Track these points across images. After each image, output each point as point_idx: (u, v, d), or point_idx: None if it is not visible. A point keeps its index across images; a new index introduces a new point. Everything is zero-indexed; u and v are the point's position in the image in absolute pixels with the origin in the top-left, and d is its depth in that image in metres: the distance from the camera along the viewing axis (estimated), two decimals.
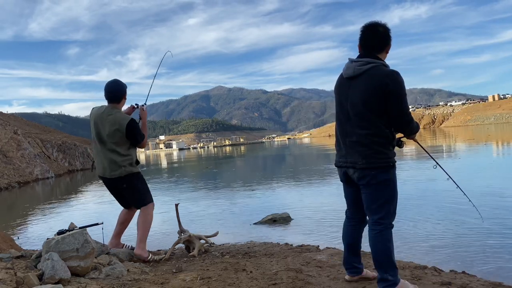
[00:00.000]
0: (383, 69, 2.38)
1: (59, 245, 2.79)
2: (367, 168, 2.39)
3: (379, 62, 2.41)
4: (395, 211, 2.46)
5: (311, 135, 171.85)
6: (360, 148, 2.40)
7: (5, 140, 19.87)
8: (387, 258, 2.38)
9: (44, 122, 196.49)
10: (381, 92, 2.31)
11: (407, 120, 2.41)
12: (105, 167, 3.76)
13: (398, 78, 2.33)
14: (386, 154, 2.39)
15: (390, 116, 2.37)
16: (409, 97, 2.52)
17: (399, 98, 2.33)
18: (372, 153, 2.37)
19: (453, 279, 2.81)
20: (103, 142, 3.72)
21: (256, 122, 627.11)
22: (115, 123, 3.67)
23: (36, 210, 9.39)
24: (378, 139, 2.37)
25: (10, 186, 16.12)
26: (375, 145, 2.37)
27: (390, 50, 2.53)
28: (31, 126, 36.37)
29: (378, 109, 2.34)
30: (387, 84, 2.30)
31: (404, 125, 2.43)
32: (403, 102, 2.35)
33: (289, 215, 6.13)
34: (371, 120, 2.36)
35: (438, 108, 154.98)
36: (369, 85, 2.35)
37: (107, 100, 3.83)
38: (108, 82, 3.88)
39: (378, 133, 2.37)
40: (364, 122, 2.38)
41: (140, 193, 3.83)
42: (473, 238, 4.32)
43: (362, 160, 2.39)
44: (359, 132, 2.40)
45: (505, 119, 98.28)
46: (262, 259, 3.61)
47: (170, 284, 2.86)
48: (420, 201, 6.61)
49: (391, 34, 2.49)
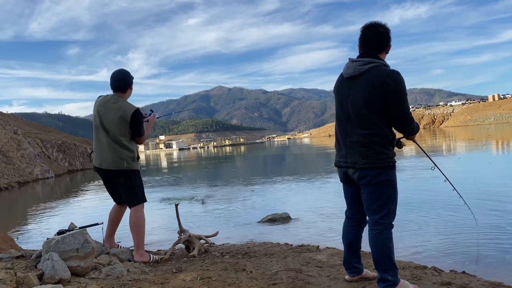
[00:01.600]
0: (384, 69, 2.37)
1: (59, 245, 2.79)
2: (368, 168, 2.38)
3: (380, 62, 2.40)
4: (395, 211, 2.46)
5: (311, 135, 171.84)
6: (361, 148, 2.40)
7: (5, 140, 19.87)
8: (387, 258, 2.38)
9: (44, 122, 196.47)
10: (382, 92, 2.31)
11: (408, 120, 2.41)
12: (105, 158, 3.61)
13: (399, 78, 2.33)
14: (387, 154, 2.39)
15: (391, 116, 2.37)
16: (409, 97, 2.50)
17: (400, 98, 2.33)
18: (372, 153, 2.37)
19: (453, 279, 2.81)
20: (106, 130, 3.59)
21: (256, 122, 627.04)
22: (121, 110, 3.58)
23: (36, 210, 9.38)
24: (378, 139, 2.36)
25: (10, 186, 16.12)
26: (376, 145, 2.36)
27: (390, 51, 2.53)
28: (31, 126, 36.37)
29: (379, 109, 2.34)
30: (388, 84, 2.29)
31: (405, 125, 2.43)
32: (404, 102, 2.35)
33: (289, 215, 6.13)
34: (372, 120, 2.35)
35: (438, 108, 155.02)
36: (370, 85, 2.35)
37: (113, 89, 3.72)
38: (115, 71, 3.76)
39: (379, 133, 2.36)
40: (365, 122, 2.37)
41: (135, 191, 3.72)
42: (473, 238, 4.32)
43: (363, 160, 2.39)
44: (360, 132, 2.40)
45: (505, 119, 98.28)
46: (262, 259, 3.61)
47: (170, 284, 2.86)
48: (420, 201, 6.60)
49: (391, 34, 2.49)
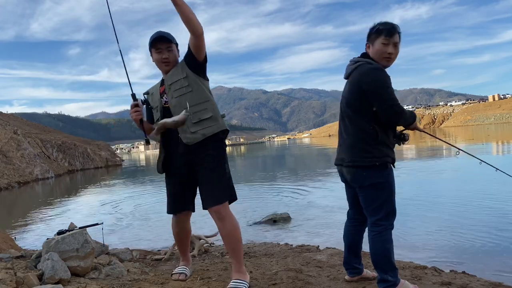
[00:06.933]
0: (363, 67, 2.38)
1: (59, 245, 2.79)
2: (352, 167, 2.43)
3: (364, 60, 2.42)
4: (393, 212, 2.43)
5: (311, 135, 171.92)
6: (347, 147, 2.47)
7: (5, 140, 19.87)
8: (386, 259, 2.37)
9: (44, 122, 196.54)
10: (359, 90, 2.35)
11: (395, 111, 2.32)
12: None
13: (374, 73, 2.32)
14: (371, 153, 2.36)
15: (378, 112, 2.33)
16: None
17: (377, 93, 2.30)
18: (356, 152, 2.40)
19: (453, 279, 2.81)
20: None
21: (256, 122, 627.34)
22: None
23: (36, 210, 9.39)
24: (362, 138, 2.38)
25: (10, 186, 16.12)
26: (360, 143, 2.39)
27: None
28: (31, 126, 36.39)
29: (359, 107, 2.38)
30: (363, 82, 2.34)
31: (395, 118, 2.34)
32: (384, 95, 2.29)
33: (289, 215, 6.13)
34: (354, 119, 2.42)
35: (438, 108, 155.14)
36: (351, 85, 2.43)
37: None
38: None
39: (361, 132, 2.38)
40: (350, 121, 2.45)
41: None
42: (473, 238, 4.32)
43: (348, 159, 2.45)
44: (348, 131, 2.47)
45: (505, 119, 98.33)
46: (262, 259, 3.61)
47: (170, 284, 2.86)
48: (420, 201, 6.60)
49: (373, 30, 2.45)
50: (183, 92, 2.66)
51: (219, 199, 2.63)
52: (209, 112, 2.67)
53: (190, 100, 2.61)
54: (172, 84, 2.70)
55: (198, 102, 2.65)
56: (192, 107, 2.60)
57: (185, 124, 2.55)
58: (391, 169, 2.43)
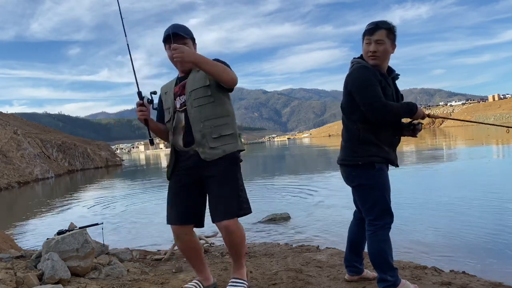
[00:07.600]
0: (352, 68, 2.45)
1: (59, 245, 2.79)
2: (343, 165, 2.49)
3: (355, 60, 2.46)
4: (388, 212, 2.38)
5: (311, 135, 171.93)
6: (342, 147, 2.55)
7: (5, 140, 19.87)
8: (382, 259, 2.35)
9: (44, 122, 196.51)
10: (347, 91, 2.41)
11: (374, 109, 2.25)
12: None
13: (356, 72, 2.36)
14: (356, 152, 2.37)
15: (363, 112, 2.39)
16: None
17: (357, 91, 2.32)
18: (346, 151, 2.46)
19: (453, 279, 2.81)
20: None
21: (256, 122, 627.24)
22: None
23: (36, 210, 9.39)
24: (349, 137, 2.44)
25: (10, 186, 16.12)
26: (348, 142, 2.45)
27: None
28: (31, 126, 36.39)
29: (348, 107, 2.43)
30: (347, 82, 2.41)
31: (377, 115, 2.28)
32: (362, 94, 2.28)
33: (289, 215, 6.13)
34: (344, 119, 2.51)
35: (438, 108, 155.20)
36: (343, 86, 2.49)
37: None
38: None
39: (348, 131, 2.46)
40: (343, 122, 2.53)
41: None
42: (473, 238, 4.32)
43: (341, 158, 2.52)
44: (343, 131, 2.55)
45: (505, 119, 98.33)
46: (262, 259, 3.61)
47: (170, 284, 2.86)
48: (420, 201, 6.60)
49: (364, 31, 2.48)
50: (205, 102, 2.40)
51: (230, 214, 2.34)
52: (230, 129, 2.45)
53: (211, 112, 2.40)
54: (192, 92, 2.43)
55: (220, 115, 2.42)
56: (213, 120, 2.39)
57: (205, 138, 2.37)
58: (381, 169, 2.37)
